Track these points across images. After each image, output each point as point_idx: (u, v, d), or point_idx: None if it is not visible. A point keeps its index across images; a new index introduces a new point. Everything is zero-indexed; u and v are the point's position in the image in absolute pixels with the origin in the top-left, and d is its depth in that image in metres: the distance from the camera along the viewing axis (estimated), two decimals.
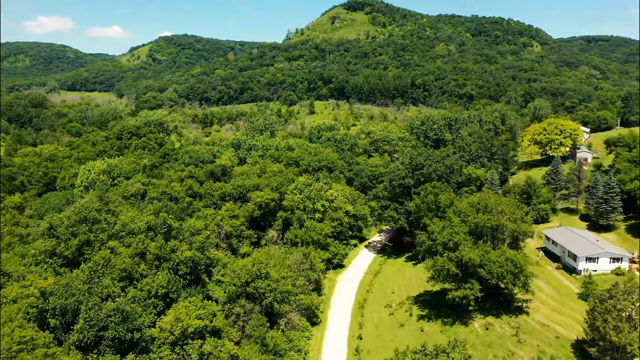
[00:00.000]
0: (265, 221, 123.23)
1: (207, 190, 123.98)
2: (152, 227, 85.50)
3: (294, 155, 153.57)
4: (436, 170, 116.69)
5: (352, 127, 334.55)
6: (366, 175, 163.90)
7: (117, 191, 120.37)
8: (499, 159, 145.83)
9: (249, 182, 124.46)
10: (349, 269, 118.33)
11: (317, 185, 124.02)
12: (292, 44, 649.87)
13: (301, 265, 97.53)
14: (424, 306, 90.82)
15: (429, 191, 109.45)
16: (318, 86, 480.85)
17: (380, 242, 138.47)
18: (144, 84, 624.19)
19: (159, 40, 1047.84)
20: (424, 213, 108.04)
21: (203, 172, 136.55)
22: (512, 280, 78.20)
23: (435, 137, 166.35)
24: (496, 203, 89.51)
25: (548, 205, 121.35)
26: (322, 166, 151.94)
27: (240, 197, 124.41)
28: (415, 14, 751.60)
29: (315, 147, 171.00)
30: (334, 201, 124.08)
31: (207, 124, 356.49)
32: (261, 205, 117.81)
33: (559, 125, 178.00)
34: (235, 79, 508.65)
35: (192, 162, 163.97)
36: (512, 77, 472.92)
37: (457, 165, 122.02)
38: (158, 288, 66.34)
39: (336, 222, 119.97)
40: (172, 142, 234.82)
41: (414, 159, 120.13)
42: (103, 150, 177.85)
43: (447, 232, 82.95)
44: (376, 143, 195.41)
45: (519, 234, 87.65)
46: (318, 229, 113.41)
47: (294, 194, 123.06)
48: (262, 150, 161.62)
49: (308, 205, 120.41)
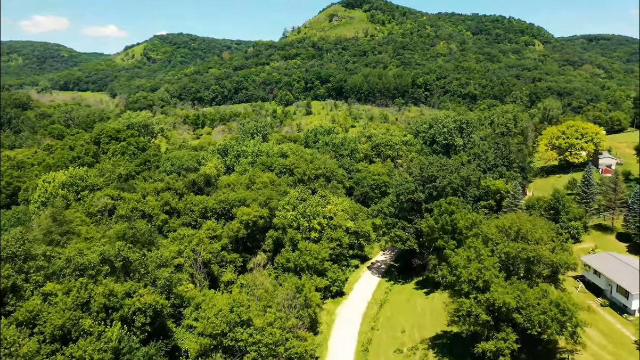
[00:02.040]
0: (253, 241, 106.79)
1: (186, 205, 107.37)
2: (107, 259, 69.00)
3: (288, 162, 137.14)
4: (451, 182, 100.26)
5: (351, 128, 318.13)
6: (368, 184, 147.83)
7: (80, 208, 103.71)
8: (517, 167, 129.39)
9: (234, 195, 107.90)
10: (350, 298, 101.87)
11: (313, 200, 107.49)
12: (289, 42, 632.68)
13: (293, 301, 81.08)
14: (442, 353, 74.44)
15: (443, 209, 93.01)
16: (315, 86, 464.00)
17: (385, 263, 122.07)
18: (136, 83, 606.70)
19: (154, 39, 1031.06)
20: (438, 235, 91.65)
21: (183, 183, 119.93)
22: (558, 330, 61.87)
23: (444, 142, 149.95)
24: (532, 228, 73.10)
25: (579, 222, 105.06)
26: (319, 175, 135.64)
27: (225, 214, 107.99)
28: (415, 12, 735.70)
29: (312, 153, 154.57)
30: (333, 218, 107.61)
31: (199, 125, 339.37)
32: (248, 224, 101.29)
33: (580, 129, 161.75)
34: (230, 78, 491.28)
35: (174, 170, 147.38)
36: (516, 76, 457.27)
37: (475, 177, 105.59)
38: (97, 354, 49.49)
39: (335, 243, 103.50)
40: (158, 146, 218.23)
41: (424, 169, 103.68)
42: (77, 156, 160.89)
43: (475, 268, 66.42)
44: (378, 148, 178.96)
45: (559, 266, 71.28)
46: (314, 251, 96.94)
47: (286, 210, 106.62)
48: (252, 156, 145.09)
49: (303, 224, 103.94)
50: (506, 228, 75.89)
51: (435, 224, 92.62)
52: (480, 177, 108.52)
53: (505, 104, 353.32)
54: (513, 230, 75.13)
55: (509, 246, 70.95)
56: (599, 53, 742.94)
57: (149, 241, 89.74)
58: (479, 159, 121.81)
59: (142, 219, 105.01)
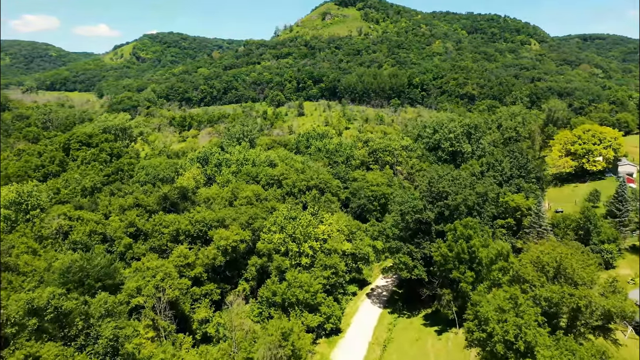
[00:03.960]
0: (233, 269, 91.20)
1: (155, 227, 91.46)
2: (35, 310, 53.41)
3: (276, 172, 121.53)
4: (466, 200, 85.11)
5: (345, 130, 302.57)
6: (365, 195, 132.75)
7: (28, 231, 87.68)
8: (535, 177, 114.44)
9: (211, 215, 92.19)
10: (348, 336, 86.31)
11: (304, 219, 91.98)
12: (281, 41, 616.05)
13: (278, 351, 65.70)
14: None
15: (459, 233, 77.88)
16: (307, 85, 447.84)
17: (387, 288, 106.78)
18: (123, 83, 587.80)
19: (144, 38, 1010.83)
20: (453, 265, 76.54)
21: (154, 198, 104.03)
22: None
23: (451, 149, 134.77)
24: (579, 264, 58.17)
25: (614, 245, 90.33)
26: (312, 186, 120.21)
27: (200, 236, 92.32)
28: (410, 10, 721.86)
29: (303, 161, 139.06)
30: (327, 241, 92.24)
31: (185, 127, 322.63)
32: (226, 250, 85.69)
33: (597, 133, 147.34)
34: (219, 78, 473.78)
35: (149, 181, 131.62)
36: (515, 75, 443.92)
37: (493, 193, 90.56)
38: None
39: (330, 271, 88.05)
40: (137, 151, 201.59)
41: (434, 184, 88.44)
42: (41, 164, 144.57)
43: (513, 323, 51.16)
44: (376, 153, 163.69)
45: (615, 316, 56.41)
46: (305, 283, 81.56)
47: (272, 232, 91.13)
48: (235, 165, 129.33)
49: (292, 248, 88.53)
50: (543, 264, 60.91)
51: (450, 252, 77.47)
52: (499, 193, 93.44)
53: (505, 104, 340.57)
54: (551, 266, 60.25)
55: (550, 290, 55.99)
56: (594, 52, 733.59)
57: (106, 275, 74.11)
58: (493, 170, 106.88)
59: (103, 243, 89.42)
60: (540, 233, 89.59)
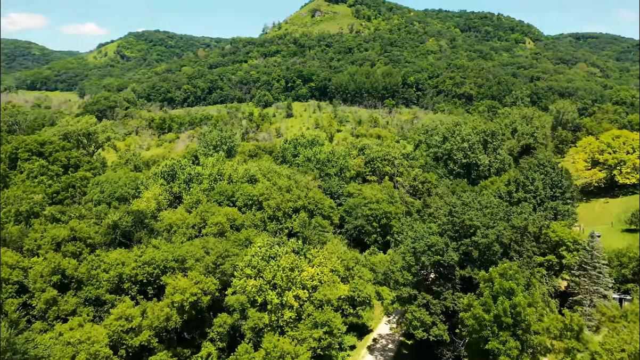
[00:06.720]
0: (195, 329, 69.61)
1: (91, 272, 69.66)
2: None
3: (256, 192, 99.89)
4: (500, 236, 64.33)
5: (337, 133, 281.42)
6: (363, 214, 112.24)
7: None
8: (569, 197, 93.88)
9: (165, 254, 70.52)
10: None
11: (286, 261, 70.53)
12: (269, 39, 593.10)
13: None
14: None
15: (497, 285, 57.22)
16: (297, 85, 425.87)
17: (392, 338, 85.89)
18: (104, 82, 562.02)
19: (129, 36, 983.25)
20: (491, 332, 55.81)
21: (99, 229, 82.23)
22: None
23: (465, 160, 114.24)
24: None
25: None
26: (299, 207, 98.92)
27: (151, 282, 70.73)
28: (402, 7, 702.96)
29: (290, 175, 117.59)
30: (318, 288, 71.07)
31: (165, 130, 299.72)
32: (183, 307, 64.16)
33: (629, 140, 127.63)
34: (204, 77, 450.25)
35: (103, 200, 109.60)
36: (513, 74, 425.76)
37: (535, 226, 69.80)
38: None
39: (322, 330, 66.85)
40: (104, 159, 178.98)
41: (456, 214, 67.54)
42: None
43: None
44: (373, 163, 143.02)
45: None
46: (288, 353, 60.42)
47: (247, 277, 69.70)
48: (208, 181, 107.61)
49: (272, 300, 67.24)
50: None
51: (485, 313, 56.71)
52: (543, 226, 72.72)
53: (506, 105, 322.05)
54: None
55: None
56: (588, 51, 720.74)
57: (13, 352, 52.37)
58: (523, 190, 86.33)
59: (19, 296, 67.46)
60: (594, 277, 69.35)
